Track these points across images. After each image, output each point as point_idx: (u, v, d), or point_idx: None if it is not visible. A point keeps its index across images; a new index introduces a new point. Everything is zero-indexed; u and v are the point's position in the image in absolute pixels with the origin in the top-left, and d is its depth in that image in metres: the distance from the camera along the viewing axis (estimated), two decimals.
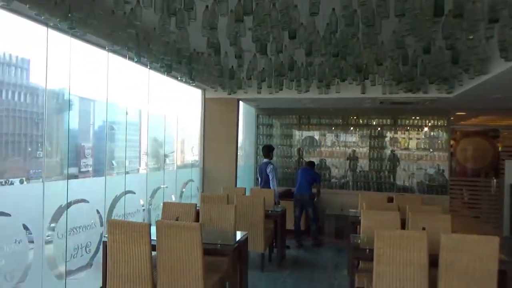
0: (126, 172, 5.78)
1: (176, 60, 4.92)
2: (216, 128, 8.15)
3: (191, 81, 6.32)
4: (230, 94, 7.21)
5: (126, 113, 7.08)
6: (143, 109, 7.15)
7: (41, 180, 4.30)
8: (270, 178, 6.89)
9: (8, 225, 3.63)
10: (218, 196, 5.95)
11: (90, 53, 4.81)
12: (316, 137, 9.90)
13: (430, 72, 5.24)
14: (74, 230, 4.46)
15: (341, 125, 9.65)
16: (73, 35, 4.00)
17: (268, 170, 6.94)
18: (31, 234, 3.81)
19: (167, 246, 3.41)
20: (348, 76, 5.64)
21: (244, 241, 4.19)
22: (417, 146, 9.29)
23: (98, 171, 6.08)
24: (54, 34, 4.10)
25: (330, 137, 9.80)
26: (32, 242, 3.81)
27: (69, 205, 4.32)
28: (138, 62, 4.97)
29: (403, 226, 4.78)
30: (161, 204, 6.54)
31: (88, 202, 4.74)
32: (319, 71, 5.61)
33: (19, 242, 3.71)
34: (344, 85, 6.52)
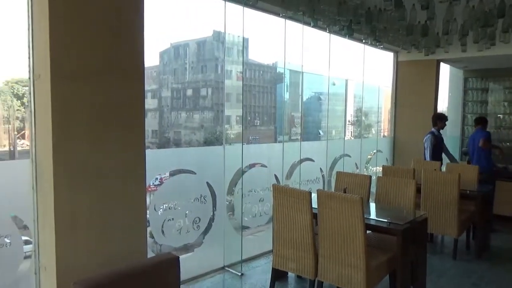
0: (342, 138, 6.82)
1: (354, 20, 4.56)
2: (411, 94, 7.32)
3: (377, 43, 5.81)
4: (427, 55, 6.31)
5: (333, 84, 7.11)
6: (349, 80, 7.22)
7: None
8: (424, 148, 6.17)
9: (267, 172, 4.99)
10: (403, 169, 5.37)
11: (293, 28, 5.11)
12: None
13: None
14: (305, 182, 5.53)
15: None
16: (246, 5, 4.15)
17: (424, 139, 6.25)
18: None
19: (327, 216, 3.27)
20: None
21: (421, 223, 3.64)
22: None
23: (306, 140, 6.56)
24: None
25: None
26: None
27: (301, 161, 5.45)
28: (315, 26, 4.84)
29: None
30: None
31: (313, 161, 5.78)
32: None
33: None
34: None
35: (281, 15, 4.59)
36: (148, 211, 3.58)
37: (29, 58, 2.54)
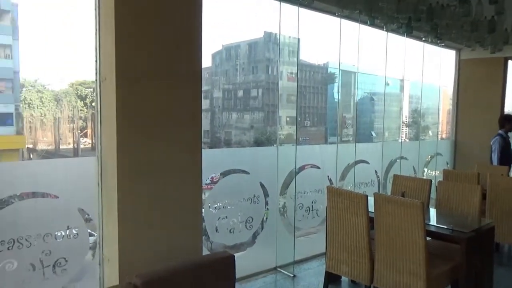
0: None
1: (413, 17, 4.37)
2: (474, 94, 6.90)
3: (438, 41, 5.55)
4: (493, 52, 5.92)
5: (387, 84, 6.93)
6: (404, 80, 6.96)
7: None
8: (491, 151, 5.79)
9: (320, 173, 4.87)
10: (467, 173, 5.06)
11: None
12: None
13: None
14: (359, 185, 5.40)
15: None
16: (302, 5, 4.11)
17: (491, 142, 5.87)
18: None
19: (385, 221, 3.15)
20: None
21: (488, 231, 3.41)
22: None
23: (358, 141, 6.35)
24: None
25: None
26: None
27: (356, 163, 5.30)
28: (372, 25, 4.70)
29: None
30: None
31: (368, 163, 5.57)
32: None
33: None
34: None
35: (336, 14, 4.51)
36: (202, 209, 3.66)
37: (96, 61, 2.69)
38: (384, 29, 5.22)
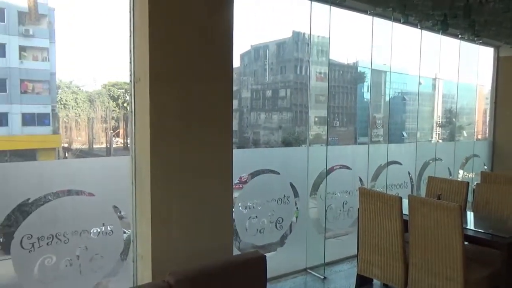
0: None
1: (450, 14, 4.23)
2: None
3: (475, 38, 5.35)
4: None
5: (420, 83, 6.76)
6: (437, 79, 6.75)
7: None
8: None
9: (351, 174, 4.78)
10: (506, 176, 4.84)
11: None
12: None
13: None
14: (391, 186, 5.20)
15: None
16: (333, 3, 4.05)
17: None
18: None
19: (420, 224, 3.06)
20: None
21: None
22: None
23: (389, 141, 6.15)
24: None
25: None
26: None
27: (388, 164, 5.10)
28: (406, 22, 4.59)
29: None
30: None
31: (401, 164, 5.36)
32: None
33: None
34: None
35: (368, 13, 4.43)
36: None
37: (130, 63, 2.75)
38: (419, 27, 5.07)
